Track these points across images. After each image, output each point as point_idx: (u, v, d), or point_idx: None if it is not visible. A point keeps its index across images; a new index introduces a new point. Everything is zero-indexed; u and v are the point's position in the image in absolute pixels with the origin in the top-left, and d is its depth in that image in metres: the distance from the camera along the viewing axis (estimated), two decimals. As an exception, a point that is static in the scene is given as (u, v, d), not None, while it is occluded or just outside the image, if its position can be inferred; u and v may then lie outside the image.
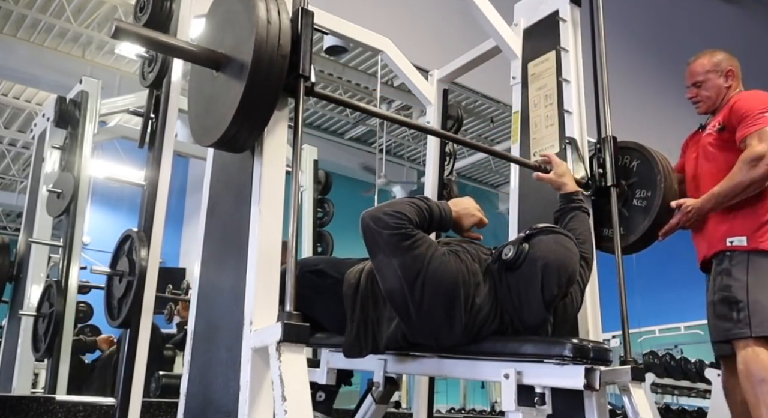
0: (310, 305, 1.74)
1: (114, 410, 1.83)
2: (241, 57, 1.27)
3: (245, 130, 1.27)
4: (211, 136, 1.32)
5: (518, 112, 2.37)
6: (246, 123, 1.26)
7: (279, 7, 1.29)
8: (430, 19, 4.57)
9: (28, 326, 3.02)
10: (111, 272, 1.94)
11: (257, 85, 1.23)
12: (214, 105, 1.34)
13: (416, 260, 1.53)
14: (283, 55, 1.26)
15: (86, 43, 6.40)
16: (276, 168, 1.32)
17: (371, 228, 1.55)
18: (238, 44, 1.30)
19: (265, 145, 1.31)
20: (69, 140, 3.26)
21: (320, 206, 4.43)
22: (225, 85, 1.31)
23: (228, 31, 1.37)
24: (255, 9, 1.26)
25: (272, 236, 1.29)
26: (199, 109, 1.43)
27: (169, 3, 2.11)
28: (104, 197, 5.04)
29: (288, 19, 1.30)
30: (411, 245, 1.53)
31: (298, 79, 1.30)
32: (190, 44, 1.38)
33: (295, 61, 1.28)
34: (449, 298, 1.56)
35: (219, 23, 1.43)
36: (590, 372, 1.55)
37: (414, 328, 1.63)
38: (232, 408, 1.24)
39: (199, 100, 1.43)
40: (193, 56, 1.36)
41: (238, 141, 1.29)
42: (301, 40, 1.30)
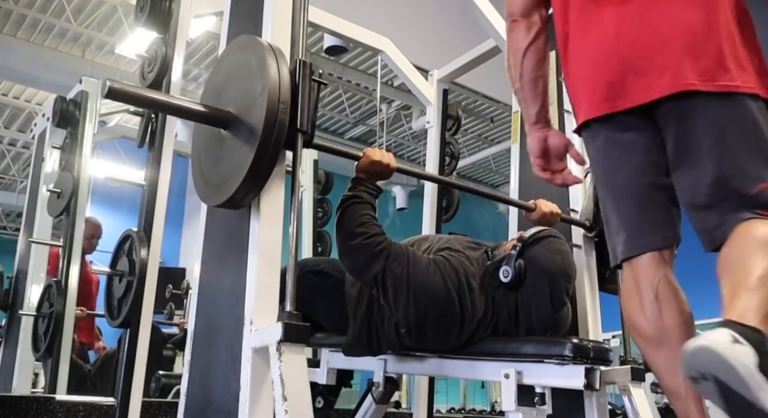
0: (310, 305, 1.75)
1: (114, 410, 1.83)
2: (250, 120, 1.26)
3: (250, 191, 1.27)
4: (219, 197, 1.31)
5: (518, 112, 2.37)
6: (253, 182, 1.25)
7: (279, 60, 1.27)
8: (430, 19, 4.57)
9: (28, 326, 3.02)
10: (111, 272, 1.94)
11: (265, 147, 1.22)
12: (221, 165, 1.33)
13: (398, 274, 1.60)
14: (286, 112, 1.24)
15: (86, 43, 6.41)
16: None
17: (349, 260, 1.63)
18: (246, 104, 1.28)
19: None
20: (69, 140, 3.26)
21: (320, 206, 4.43)
22: (233, 146, 1.29)
23: (235, 88, 1.34)
24: (266, 68, 1.24)
25: (272, 236, 1.29)
26: (204, 168, 1.40)
27: (169, 3, 2.11)
28: (104, 197, 5.04)
29: (288, 73, 1.27)
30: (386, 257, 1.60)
31: (296, 133, 1.27)
32: (198, 104, 1.35)
33: (293, 116, 1.26)
34: (441, 311, 1.61)
35: (225, 78, 1.40)
36: (590, 372, 1.56)
37: (412, 337, 1.66)
38: (232, 408, 1.24)
39: (206, 158, 1.41)
40: (204, 117, 1.33)
41: (242, 200, 1.29)
42: (299, 92, 1.28)
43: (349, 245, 1.61)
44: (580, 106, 1.27)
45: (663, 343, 1.15)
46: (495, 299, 1.61)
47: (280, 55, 1.29)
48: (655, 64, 1.17)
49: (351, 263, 1.64)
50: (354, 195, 1.66)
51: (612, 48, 1.21)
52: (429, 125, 2.72)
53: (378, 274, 1.59)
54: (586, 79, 1.25)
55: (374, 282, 1.61)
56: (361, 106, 7.89)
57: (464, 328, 1.61)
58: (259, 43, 1.31)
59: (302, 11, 1.43)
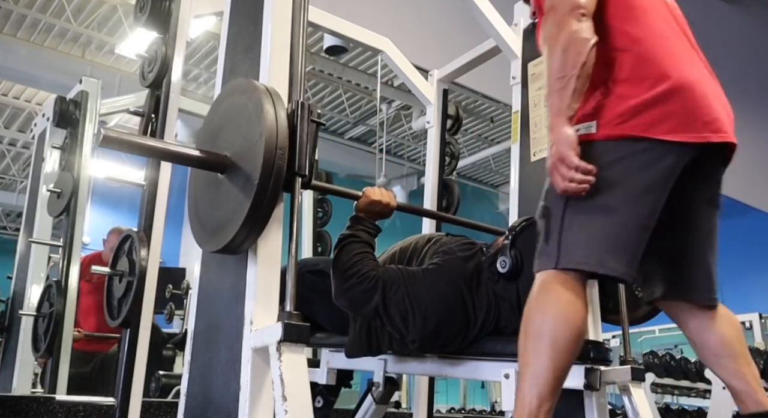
0: (310, 305, 1.75)
1: (114, 410, 1.83)
2: (247, 164, 1.25)
3: (249, 236, 1.26)
4: (216, 243, 1.30)
5: (518, 112, 2.36)
6: (251, 229, 1.24)
7: (276, 103, 1.26)
8: (430, 19, 4.57)
9: (28, 326, 3.02)
10: (111, 272, 1.94)
11: (263, 195, 1.21)
12: (218, 209, 1.32)
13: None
14: (284, 158, 1.23)
15: (86, 43, 6.41)
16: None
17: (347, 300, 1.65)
18: (243, 148, 1.27)
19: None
20: (69, 140, 3.25)
21: (320, 206, 4.43)
22: (230, 190, 1.29)
23: (232, 132, 1.33)
24: (263, 113, 1.23)
25: (272, 236, 1.29)
26: (201, 211, 1.40)
27: (169, 3, 2.11)
28: (104, 197, 5.04)
29: (285, 117, 1.26)
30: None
31: (294, 176, 1.27)
32: (194, 149, 1.34)
33: (291, 158, 1.26)
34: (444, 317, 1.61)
35: (222, 122, 1.39)
36: (590, 372, 1.56)
37: (423, 348, 1.67)
38: (232, 408, 1.24)
39: (203, 202, 1.40)
40: (200, 162, 1.33)
41: (241, 246, 1.28)
42: (297, 135, 1.27)
43: (343, 287, 1.62)
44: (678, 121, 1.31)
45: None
46: (496, 292, 1.61)
47: (277, 98, 1.28)
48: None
49: (347, 302, 1.65)
50: (351, 234, 1.66)
51: (716, 92, 1.39)
52: (429, 125, 2.72)
53: (378, 305, 1.59)
54: (702, 105, 1.33)
55: (376, 314, 1.61)
56: (361, 106, 7.89)
57: (471, 328, 1.61)
58: (256, 87, 1.29)
59: (302, 11, 1.43)
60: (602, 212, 1.29)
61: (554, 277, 1.29)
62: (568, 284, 1.28)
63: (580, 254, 1.28)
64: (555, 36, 1.34)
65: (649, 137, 1.30)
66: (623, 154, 1.31)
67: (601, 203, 1.29)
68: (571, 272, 1.28)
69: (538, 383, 1.21)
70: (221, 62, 1.61)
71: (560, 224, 1.31)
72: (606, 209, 1.29)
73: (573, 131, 1.30)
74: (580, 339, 1.25)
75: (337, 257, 1.64)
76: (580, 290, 1.28)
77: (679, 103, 1.32)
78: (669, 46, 1.40)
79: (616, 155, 1.31)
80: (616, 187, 1.30)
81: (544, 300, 1.28)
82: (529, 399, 1.21)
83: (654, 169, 1.30)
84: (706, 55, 1.53)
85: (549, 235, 1.32)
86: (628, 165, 1.30)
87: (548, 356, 1.22)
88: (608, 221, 1.29)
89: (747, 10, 6.50)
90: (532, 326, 1.26)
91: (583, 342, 1.27)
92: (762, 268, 8.74)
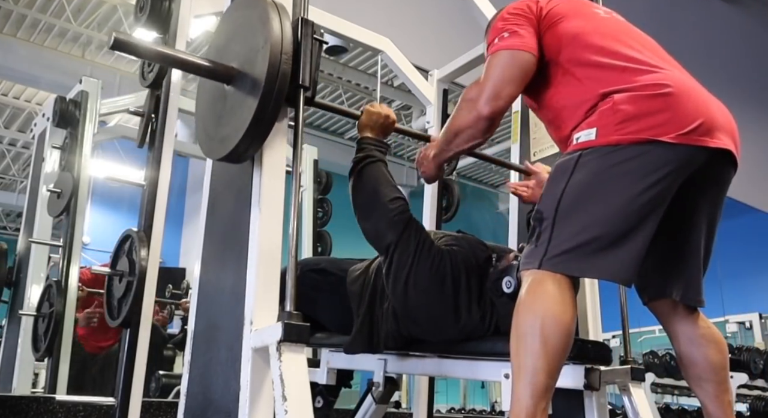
0: (311, 304, 1.75)
1: (114, 410, 1.83)
2: (253, 72, 1.27)
3: (253, 143, 1.28)
4: (222, 150, 1.32)
5: (518, 112, 2.37)
6: (254, 136, 1.26)
7: (282, 16, 1.29)
8: (430, 19, 4.57)
9: (28, 326, 3.02)
10: (111, 272, 1.94)
11: (268, 99, 1.23)
12: (225, 119, 1.34)
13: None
14: (288, 63, 1.26)
15: (86, 43, 6.41)
16: (276, 173, 1.32)
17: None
18: (249, 58, 1.30)
19: (264, 155, 1.31)
20: (69, 140, 3.26)
21: (320, 206, 4.43)
22: (237, 100, 1.31)
23: (239, 43, 1.36)
24: (269, 23, 1.26)
25: (272, 236, 1.29)
26: (208, 123, 1.42)
27: (169, 3, 2.11)
28: (104, 197, 5.05)
29: (290, 29, 1.29)
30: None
31: (298, 89, 1.29)
32: (203, 59, 1.36)
33: (295, 71, 1.28)
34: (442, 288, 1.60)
35: (228, 35, 1.42)
36: (590, 372, 1.56)
37: (406, 322, 1.65)
38: (232, 408, 1.24)
39: (210, 113, 1.43)
40: (208, 71, 1.35)
41: (245, 153, 1.30)
42: (301, 49, 1.29)
43: (375, 204, 1.60)
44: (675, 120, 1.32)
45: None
46: (495, 305, 1.60)
47: (282, 11, 1.30)
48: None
49: (373, 224, 1.63)
50: (367, 155, 1.66)
51: (711, 99, 1.40)
52: (429, 125, 2.72)
53: (391, 244, 1.59)
54: (696, 110, 1.34)
55: (386, 251, 1.60)
56: (361, 106, 7.87)
57: (458, 323, 1.60)
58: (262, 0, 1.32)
59: (302, 11, 1.43)
60: (595, 217, 1.30)
61: (542, 276, 1.30)
62: (556, 282, 1.28)
63: (564, 258, 1.29)
64: (464, 111, 1.52)
65: (648, 140, 1.30)
66: (622, 159, 1.31)
67: (594, 209, 1.31)
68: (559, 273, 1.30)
69: (532, 383, 1.22)
70: None
71: (551, 227, 1.32)
72: (600, 215, 1.30)
73: (437, 174, 1.72)
74: (570, 337, 1.26)
75: (358, 179, 1.63)
76: (568, 287, 1.29)
77: (677, 109, 1.33)
78: (650, 59, 1.43)
79: (615, 160, 1.31)
80: (615, 191, 1.31)
81: (532, 300, 1.28)
82: (524, 399, 1.22)
83: (656, 174, 1.30)
84: (707, 55, 1.55)
85: (539, 237, 1.34)
86: (628, 169, 1.31)
87: (540, 355, 1.23)
88: (601, 225, 1.30)
89: (747, 10, 6.50)
90: (522, 325, 1.27)
91: (573, 339, 1.27)
92: (762, 268, 8.74)
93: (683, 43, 4.92)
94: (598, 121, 1.36)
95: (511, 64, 1.47)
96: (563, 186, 1.34)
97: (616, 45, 1.45)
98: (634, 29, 1.56)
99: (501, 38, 1.50)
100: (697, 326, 1.50)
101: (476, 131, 1.50)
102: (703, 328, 1.51)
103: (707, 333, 1.50)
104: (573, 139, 1.40)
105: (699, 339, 1.49)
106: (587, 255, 1.29)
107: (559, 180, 1.36)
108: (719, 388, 1.48)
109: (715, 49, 5.87)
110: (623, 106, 1.33)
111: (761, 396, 5.67)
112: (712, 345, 1.49)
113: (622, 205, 1.30)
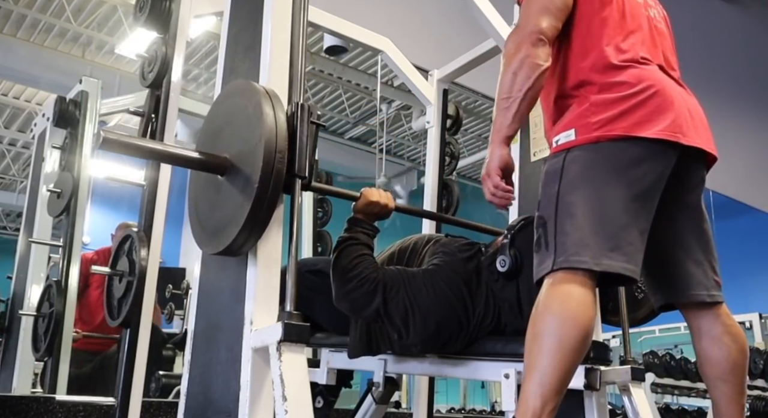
0: (309, 305, 1.75)
1: (114, 410, 1.83)
2: (247, 168, 1.25)
3: (249, 238, 1.26)
4: (216, 246, 1.30)
5: (518, 112, 2.36)
6: (251, 231, 1.24)
7: (276, 105, 1.26)
8: (430, 19, 4.56)
9: (28, 326, 3.02)
10: (111, 272, 1.94)
11: (263, 197, 1.21)
12: (219, 211, 1.32)
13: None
14: (283, 162, 1.23)
15: (86, 43, 6.40)
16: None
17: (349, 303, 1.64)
18: (243, 151, 1.28)
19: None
20: (69, 140, 3.25)
21: (320, 206, 4.43)
22: (230, 193, 1.29)
23: (232, 134, 1.33)
24: (263, 116, 1.23)
25: (272, 238, 1.29)
26: (201, 214, 1.40)
27: (169, 3, 2.11)
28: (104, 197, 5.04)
29: (284, 120, 1.26)
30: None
31: (293, 178, 1.27)
32: (194, 151, 1.35)
33: (291, 160, 1.26)
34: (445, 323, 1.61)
35: (221, 124, 1.39)
36: (590, 372, 1.56)
37: (424, 349, 1.67)
38: (232, 408, 1.24)
39: (203, 204, 1.40)
40: (200, 164, 1.33)
41: (241, 249, 1.28)
42: (297, 137, 1.27)
43: (344, 290, 1.61)
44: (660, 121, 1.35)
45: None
46: (495, 293, 1.61)
47: (276, 100, 1.28)
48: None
49: (349, 305, 1.64)
50: (350, 237, 1.66)
51: (686, 98, 1.43)
52: (429, 125, 2.72)
53: (379, 307, 1.59)
54: (670, 108, 1.36)
55: (377, 316, 1.61)
56: (361, 106, 7.88)
57: (471, 329, 1.61)
58: (256, 89, 1.29)
59: (302, 11, 1.43)
60: (591, 212, 1.31)
61: (560, 278, 1.30)
62: (576, 284, 1.28)
63: (574, 253, 1.29)
64: (511, 56, 1.42)
65: (626, 137, 1.33)
66: (605, 155, 1.33)
67: (587, 204, 1.32)
68: (579, 273, 1.29)
69: (542, 383, 1.21)
70: (221, 62, 1.61)
71: (554, 229, 1.33)
72: (594, 210, 1.31)
73: (506, 151, 1.42)
74: (588, 339, 1.26)
75: (336, 260, 1.64)
76: (589, 290, 1.29)
77: (652, 106, 1.35)
78: (641, 51, 1.45)
79: (599, 155, 1.34)
80: (605, 185, 1.32)
81: (551, 301, 1.28)
82: (533, 399, 1.21)
83: (638, 169, 1.32)
84: (707, 55, 1.57)
85: (547, 242, 1.34)
86: (612, 164, 1.33)
87: (555, 356, 1.22)
88: (598, 220, 1.31)
89: (747, 10, 6.49)
90: (540, 326, 1.26)
91: (590, 342, 1.27)
92: (762, 268, 8.74)
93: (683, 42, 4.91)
94: (576, 122, 1.38)
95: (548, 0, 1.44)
96: (557, 187, 1.36)
97: (617, 31, 1.45)
98: (643, 13, 1.56)
99: None
100: (718, 323, 1.46)
101: (535, 57, 1.38)
102: (725, 325, 1.46)
103: (729, 331, 1.46)
104: (552, 142, 1.43)
105: (720, 337, 1.46)
106: (594, 249, 1.29)
107: (552, 183, 1.38)
108: (736, 389, 1.45)
109: (715, 49, 5.86)
110: (600, 106, 1.36)
111: (761, 396, 5.67)
112: (733, 345, 1.46)
113: (614, 196, 1.32)
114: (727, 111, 5.63)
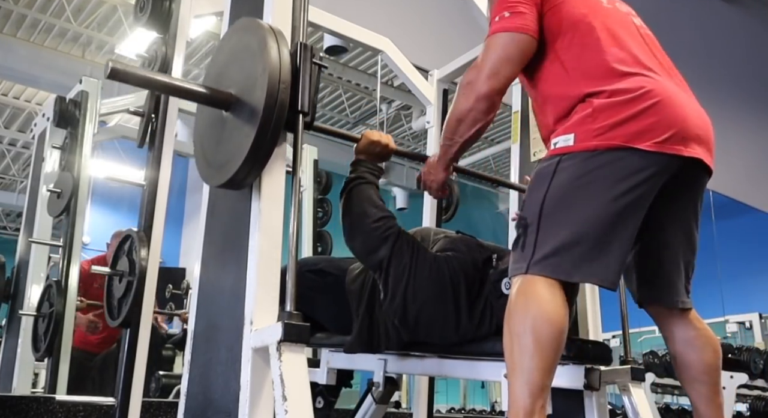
0: (310, 304, 1.74)
1: (114, 410, 1.83)
2: (251, 100, 1.27)
3: (251, 171, 1.27)
4: (221, 177, 1.32)
5: (518, 112, 2.37)
6: (255, 162, 1.26)
7: (280, 42, 1.28)
8: (430, 19, 4.56)
9: (28, 326, 3.02)
10: (111, 272, 1.94)
11: (266, 127, 1.22)
12: (223, 145, 1.34)
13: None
14: (287, 92, 1.25)
15: (86, 43, 6.40)
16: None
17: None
18: (247, 85, 1.29)
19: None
20: (69, 140, 3.25)
21: (320, 206, 4.43)
22: (234, 127, 1.30)
23: (236, 70, 1.35)
24: (266, 49, 1.25)
25: (272, 236, 1.29)
26: (206, 149, 1.41)
27: (169, 3, 2.11)
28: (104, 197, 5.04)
29: (288, 55, 1.28)
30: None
31: (296, 114, 1.28)
32: (200, 86, 1.36)
33: (294, 97, 1.27)
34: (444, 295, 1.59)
35: (227, 60, 1.41)
36: (590, 372, 1.56)
37: (405, 329, 1.65)
38: (232, 408, 1.24)
39: (208, 140, 1.42)
40: (205, 98, 1.35)
41: (244, 180, 1.30)
42: (300, 75, 1.29)
43: (360, 225, 1.60)
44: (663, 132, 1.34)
45: None
46: (494, 309, 1.60)
47: (280, 37, 1.29)
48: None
49: (361, 243, 1.63)
50: (358, 176, 1.66)
51: (691, 106, 1.41)
52: (429, 125, 2.72)
53: (384, 259, 1.59)
54: (673, 119, 1.35)
55: (379, 267, 1.60)
56: (361, 106, 7.89)
57: (458, 328, 1.60)
58: (260, 25, 1.31)
59: (302, 11, 1.43)
60: (573, 221, 1.32)
61: (532, 279, 1.31)
62: (545, 284, 1.30)
63: (551, 261, 1.30)
64: (461, 101, 1.52)
65: (624, 147, 1.32)
66: (599, 164, 1.33)
67: (571, 214, 1.32)
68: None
69: (528, 382, 1.23)
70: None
71: (535, 233, 1.33)
72: (577, 220, 1.32)
73: (447, 174, 1.66)
74: (563, 335, 1.27)
75: (348, 200, 1.63)
76: (558, 288, 1.30)
77: (655, 117, 1.34)
78: (641, 60, 1.44)
79: (593, 165, 1.33)
80: (593, 196, 1.32)
81: (524, 301, 1.29)
82: (522, 399, 1.23)
83: (632, 179, 1.31)
84: (706, 55, 1.56)
85: (525, 244, 1.35)
86: (604, 174, 1.32)
87: (534, 355, 1.24)
88: (579, 230, 1.31)
89: (747, 10, 6.49)
90: (515, 326, 1.28)
91: (565, 337, 1.28)
92: (762, 268, 8.73)
93: (683, 42, 4.92)
94: (577, 127, 1.37)
95: (509, 45, 1.47)
96: (544, 191, 1.36)
97: (609, 41, 1.45)
98: (632, 22, 1.56)
99: (502, 18, 1.49)
100: (691, 328, 1.52)
101: (478, 113, 1.50)
102: (697, 329, 1.52)
103: (701, 335, 1.51)
104: (551, 144, 1.42)
105: (693, 341, 1.51)
106: (572, 259, 1.30)
107: (540, 186, 1.38)
108: (712, 389, 1.50)
109: (715, 48, 5.86)
110: (602, 113, 1.35)
111: (761, 396, 5.66)
112: (706, 347, 1.51)
113: (601, 208, 1.31)
114: (727, 111, 5.62)
